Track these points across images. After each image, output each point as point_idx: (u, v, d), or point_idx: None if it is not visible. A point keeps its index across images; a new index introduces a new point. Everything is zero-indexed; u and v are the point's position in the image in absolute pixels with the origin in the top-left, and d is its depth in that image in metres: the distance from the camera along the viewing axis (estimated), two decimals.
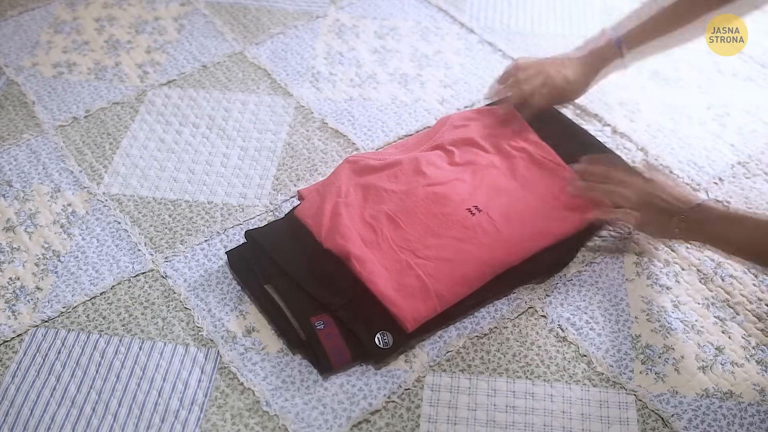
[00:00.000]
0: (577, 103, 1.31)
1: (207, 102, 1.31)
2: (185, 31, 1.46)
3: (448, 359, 0.97)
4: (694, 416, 0.92)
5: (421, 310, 0.97)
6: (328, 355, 0.94)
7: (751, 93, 1.35)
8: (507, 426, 0.91)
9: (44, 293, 1.03)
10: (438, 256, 1.02)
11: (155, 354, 0.97)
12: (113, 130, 1.27)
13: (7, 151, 1.23)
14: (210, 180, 1.18)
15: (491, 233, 1.05)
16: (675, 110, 1.31)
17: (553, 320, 1.01)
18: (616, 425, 0.91)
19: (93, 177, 1.19)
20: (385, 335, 0.96)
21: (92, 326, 1.00)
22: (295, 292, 1.00)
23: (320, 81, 1.36)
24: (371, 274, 1.00)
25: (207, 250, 1.09)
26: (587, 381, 0.95)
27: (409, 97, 1.33)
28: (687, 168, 1.21)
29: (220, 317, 1.01)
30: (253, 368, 0.96)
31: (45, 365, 0.96)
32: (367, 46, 1.43)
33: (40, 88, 1.34)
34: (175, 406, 0.92)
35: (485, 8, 1.52)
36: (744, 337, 1.00)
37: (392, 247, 1.04)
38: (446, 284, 0.99)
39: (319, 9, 1.51)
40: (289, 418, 0.92)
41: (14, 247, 1.09)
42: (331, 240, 1.04)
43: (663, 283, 1.06)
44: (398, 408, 0.93)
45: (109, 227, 1.12)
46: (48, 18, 1.48)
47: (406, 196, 1.09)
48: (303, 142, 1.25)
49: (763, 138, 1.27)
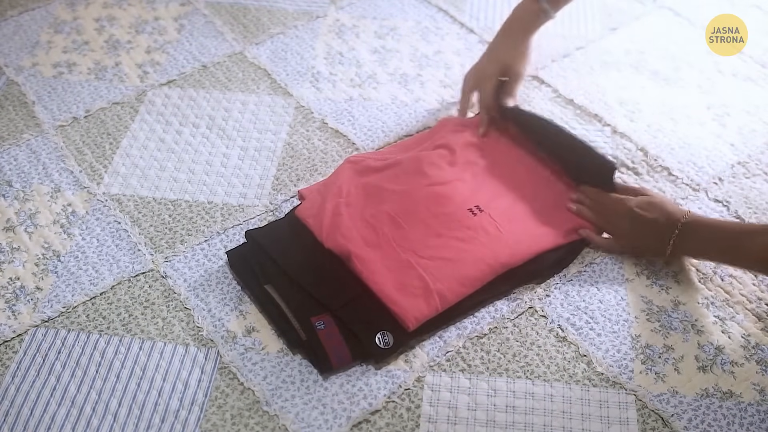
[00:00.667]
0: (577, 103, 1.31)
1: (207, 102, 1.31)
2: (185, 31, 1.46)
3: (448, 359, 0.97)
4: (694, 416, 0.92)
5: (423, 309, 0.97)
6: (328, 355, 0.94)
7: (751, 93, 1.35)
8: (507, 426, 0.91)
9: (44, 293, 1.03)
10: (439, 255, 1.02)
11: (155, 354, 0.97)
12: (113, 130, 1.27)
13: (7, 151, 1.23)
14: (210, 180, 1.18)
15: (492, 234, 1.05)
16: (675, 110, 1.31)
17: (553, 320, 1.01)
18: (616, 425, 0.91)
19: (93, 177, 1.19)
20: (385, 335, 0.96)
21: (92, 326, 1.00)
22: (295, 292, 1.00)
23: (320, 81, 1.36)
24: (372, 274, 1.00)
25: (207, 250, 1.09)
26: (587, 381, 0.95)
27: (409, 97, 1.33)
28: (687, 168, 1.21)
29: (220, 317, 1.01)
30: (253, 368, 0.96)
31: (45, 365, 0.96)
32: (367, 46, 1.43)
33: (40, 88, 1.34)
34: (175, 406, 0.92)
35: (485, 8, 1.52)
36: (744, 337, 1.00)
37: (393, 246, 1.04)
38: (448, 284, 0.99)
39: (319, 9, 1.51)
40: (289, 418, 0.91)
41: (14, 247, 1.09)
42: (332, 240, 1.04)
43: (663, 283, 1.06)
44: (398, 408, 0.93)
45: (109, 227, 1.12)
46: (48, 18, 1.48)
47: (408, 196, 1.09)
48: (303, 142, 1.25)
49: (763, 138, 1.27)
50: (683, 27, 1.49)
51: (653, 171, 1.21)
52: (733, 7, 1.53)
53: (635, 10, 1.52)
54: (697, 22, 1.49)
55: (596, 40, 1.45)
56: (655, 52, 1.43)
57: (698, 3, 1.54)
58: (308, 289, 1.00)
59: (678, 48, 1.44)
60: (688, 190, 1.18)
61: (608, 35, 1.46)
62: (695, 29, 1.48)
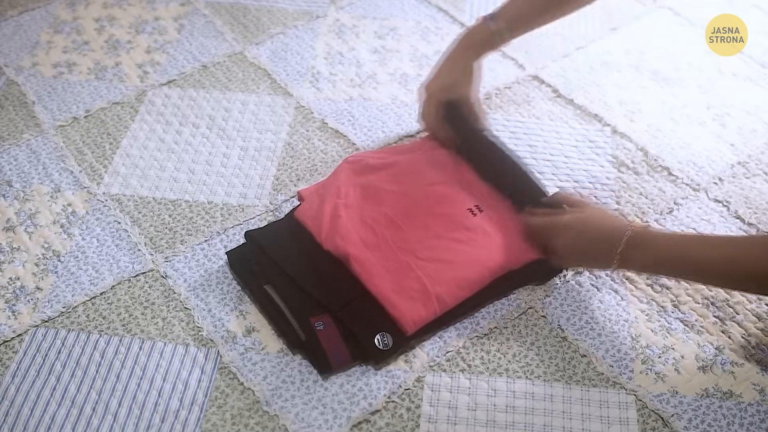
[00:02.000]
0: (577, 103, 1.31)
1: (207, 102, 1.31)
2: (185, 31, 1.46)
3: (448, 359, 0.97)
4: (694, 416, 0.92)
5: (421, 312, 0.97)
6: (327, 355, 0.94)
7: (751, 93, 1.35)
8: (507, 426, 0.91)
9: (44, 293, 1.03)
10: (439, 257, 1.02)
11: (155, 354, 0.97)
12: (113, 130, 1.27)
13: (7, 151, 1.23)
14: (210, 180, 1.18)
15: (492, 235, 1.05)
16: (675, 110, 1.31)
17: (553, 320, 1.01)
18: (616, 425, 0.91)
19: (93, 177, 1.19)
20: (385, 336, 0.96)
21: (92, 326, 1.00)
22: (294, 293, 1.00)
23: (320, 81, 1.36)
24: (371, 276, 1.00)
25: (207, 250, 1.09)
26: (587, 381, 0.95)
27: (409, 97, 1.33)
28: (687, 168, 1.21)
29: (220, 317, 1.01)
30: (253, 368, 0.96)
31: (45, 365, 0.96)
32: (367, 46, 1.43)
33: (40, 88, 1.34)
34: (175, 406, 0.92)
35: (485, 8, 1.52)
36: (744, 337, 1.00)
37: (392, 248, 1.03)
38: (446, 287, 0.99)
39: (319, 9, 1.51)
40: (289, 418, 0.92)
41: (14, 247, 1.09)
42: (331, 241, 1.03)
43: (663, 283, 1.06)
44: (398, 408, 0.93)
45: (109, 227, 1.12)
46: (48, 18, 1.48)
47: (407, 197, 1.09)
48: (303, 142, 1.25)
49: (763, 138, 1.27)
50: (683, 27, 1.49)
51: (653, 171, 1.21)
52: (733, 7, 1.53)
53: (635, 10, 1.52)
54: (697, 22, 1.49)
55: (596, 40, 1.45)
56: (655, 52, 1.43)
57: (698, 3, 1.54)
58: (308, 290, 1.00)
59: (678, 48, 1.44)
60: (688, 190, 1.18)
61: (608, 35, 1.46)
62: (695, 29, 1.48)
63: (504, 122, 1.28)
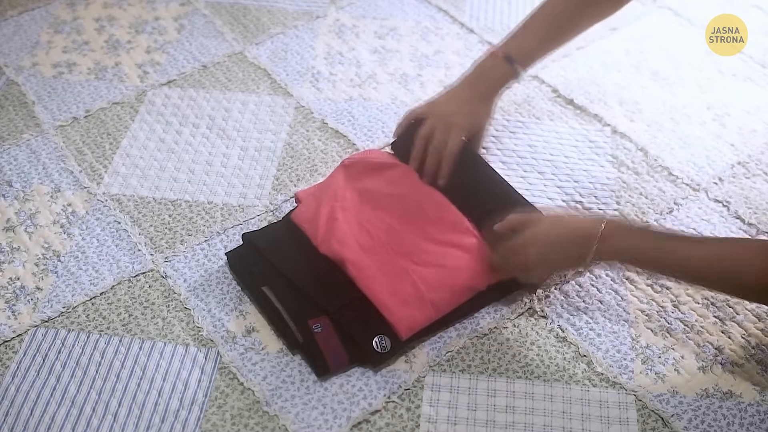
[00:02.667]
0: (577, 103, 1.31)
1: (207, 102, 1.31)
2: (185, 31, 1.46)
3: (448, 359, 0.97)
4: (694, 416, 0.92)
5: (416, 317, 0.97)
6: (325, 357, 0.94)
7: (751, 93, 1.35)
8: (507, 426, 0.91)
9: (44, 293, 1.03)
10: (435, 262, 1.02)
11: (155, 354, 0.97)
12: (113, 130, 1.27)
13: (7, 151, 1.23)
14: (210, 180, 1.18)
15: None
16: (675, 110, 1.31)
17: (553, 320, 1.01)
18: (616, 425, 0.91)
19: (93, 177, 1.19)
20: (383, 339, 0.95)
21: (92, 326, 1.00)
22: (292, 295, 1.00)
23: (320, 81, 1.36)
24: (367, 280, 0.99)
25: (207, 250, 1.09)
26: (587, 381, 0.95)
27: (409, 97, 1.33)
28: (687, 168, 1.21)
29: (220, 317, 1.01)
30: (253, 368, 0.96)
31: (45, 365, 0.96)
32: (367, 46, 1.43)
33: (40, 88, 1.34)
34: (175, 406, 0.92)
35: (485, 8, 1.52)
36: (744, 337, 1.00)
37: (389, 252, 1.03)
38: (442, 293, 0.99)
39: (319, 9, 1.51)
40: (289, 418, 0.92)
41: (14, 247, 1.09)
42: (327, 245, 1.03)
43: (663, 283, 1.06)
44: (398, 408, 0.93)
45: (109, 227, 1.12)
46: (48, 18, 1.48)
47: (404, 200, 1.09)
48: (303, 142, 1.25)
49: (763, 138, 1.27)
50: (683, 27, 1.49)
51: (653, 171, 1.21)
52: (733, 7, 1.53)
53: (635, 10, 1.52)
54: (697, 22, 1.49)
55: (596, 40, 1.45)
56: (655, 52, 1.43)
57: (698, 3, 1.54)
58: (306, 292, 1.00)
59: (678, 48, 1.44)
60: (688, 190, 1.18)
61: (608, 35, 1.46)
62: (695, 29, 1.47)
63: (504, 122, 1.28)
